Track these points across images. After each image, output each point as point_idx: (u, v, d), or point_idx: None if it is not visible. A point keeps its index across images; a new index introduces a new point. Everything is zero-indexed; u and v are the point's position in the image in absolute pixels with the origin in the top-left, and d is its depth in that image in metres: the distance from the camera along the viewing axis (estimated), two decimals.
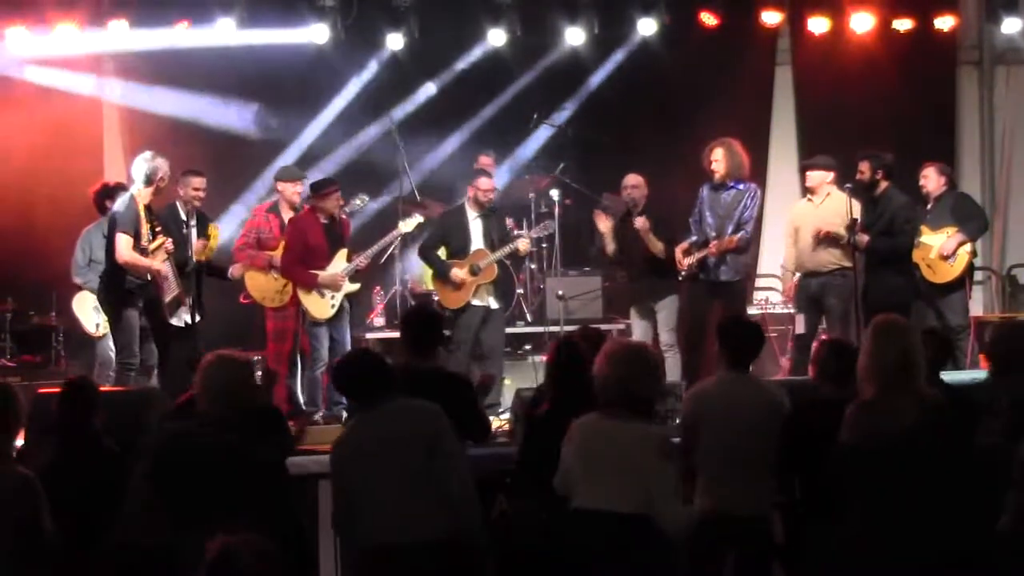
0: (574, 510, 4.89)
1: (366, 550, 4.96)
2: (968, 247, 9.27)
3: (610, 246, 9.44)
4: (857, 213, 8.88)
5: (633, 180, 9.38)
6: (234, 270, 9.12)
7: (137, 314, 8.32)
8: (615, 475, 4.81)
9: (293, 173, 9.44)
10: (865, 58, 11.59)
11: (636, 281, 9.47)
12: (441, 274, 9.35)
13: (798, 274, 9.29)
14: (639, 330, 9.29)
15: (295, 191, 9.30)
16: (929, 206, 9.38)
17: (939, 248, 9.20)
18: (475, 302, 9.30)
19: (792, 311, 9.77)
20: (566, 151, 11.22)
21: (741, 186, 9.22)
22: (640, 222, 9.15)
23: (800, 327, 9.29)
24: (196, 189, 8.60)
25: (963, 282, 9.33)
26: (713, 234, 9.09)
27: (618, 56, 11.62)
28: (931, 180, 9.40)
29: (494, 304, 9.38)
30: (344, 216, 9.26)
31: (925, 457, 4.64)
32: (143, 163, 8.32)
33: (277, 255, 9.17)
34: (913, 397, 4.74)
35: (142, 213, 8.27)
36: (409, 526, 4.84)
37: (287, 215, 9.29)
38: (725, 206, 9.20)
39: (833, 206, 9.09)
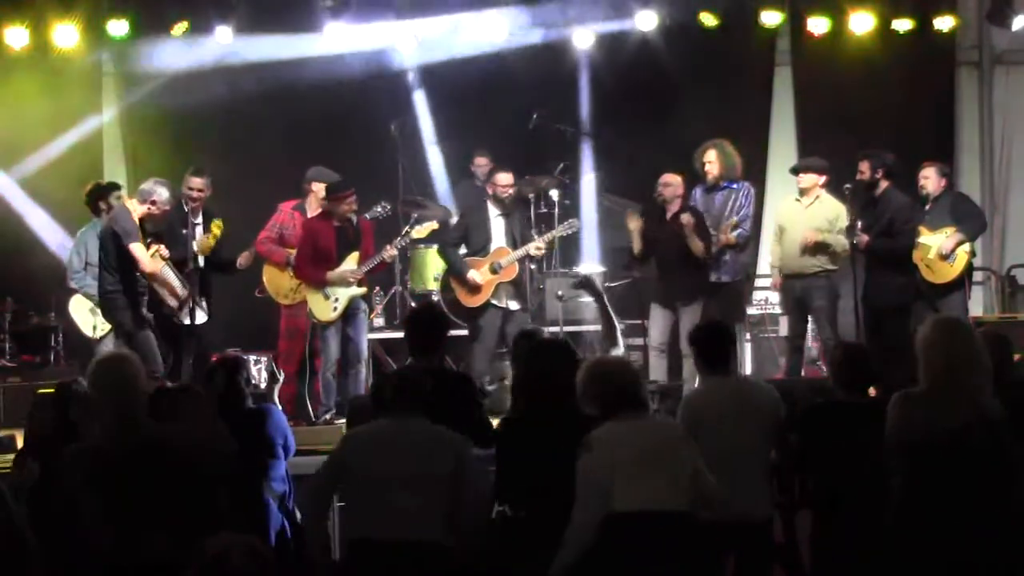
0: (616, 514, 4.78)
1: (360, 540, 5.02)
2: (967, 247, 9.27)
3: (637, 245, 9.16)
4: (845, 220, 8.90)
5: (666, 179, 9.13)
6: (242, 259, 8.95)
7: (148, 319, 8.37)
8: (654, 473, 4.80)
9: (332, 178, 9.24)
10: (865, 58, 11.58)
11: (663, 279, 9.13)
12: (459, 273, 9.19)
13: (780, 273, 9.33)
14: (657, 329, 9.06)
15: None
16: (928, 206, 9.37)
17: (937, 248, 9.19)
18: (494, 302, 9.15)
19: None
20: (566, 151, 11.22)
21: (734, 185, 9.25)
22: (686, 218, 8.84)
23: (784, 329, 9.33)
24: (190, 188, 8.63)
25: (962, 282, 9.32)
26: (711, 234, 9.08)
27: (619, 56, 11.59)
28: (931, 180, 9.39)
29: (514, 305, 9.22)
30: (365, 219, 9.19)
31: (972, 460, 4.61)
32: (145, 183, 8.50)
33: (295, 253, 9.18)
34: (970, 398, 4.69)
35: (137, 224, 8.33)
36: (408, 525, 4.92)
37: (313, 215, 9.29)
38: (719, 206, 9.23)
39: (821, 210, 9.12)
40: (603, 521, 4.76)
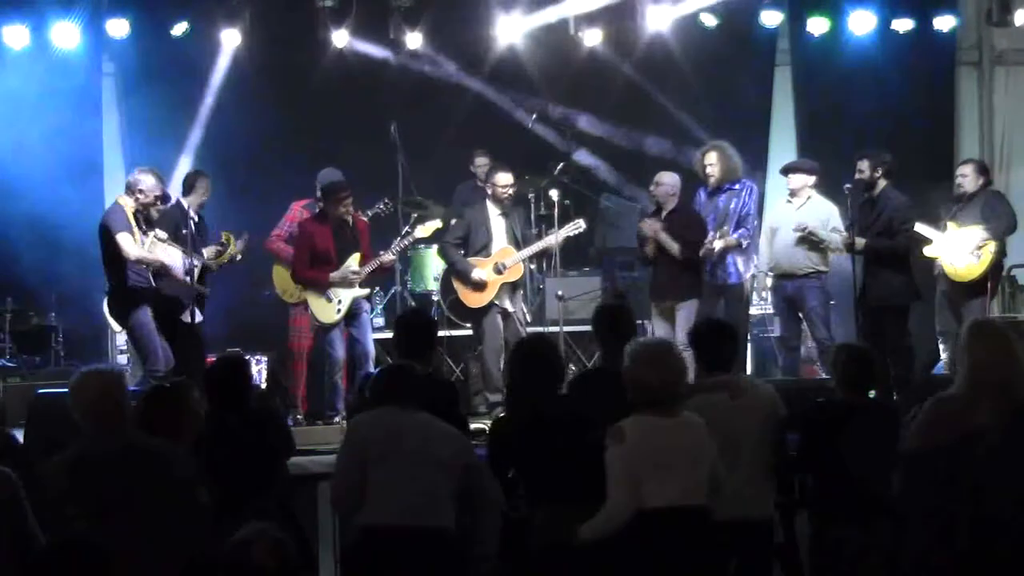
0: (649, 511, 4.86)
1: (368, 528, 5.11)
2: (993, 247, 9.22)
3: (651, 250, 9.06)
4: (838, 220, 8.91)
5: (659, 178, 9.12)
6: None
7: (151, 317, 8.36)
8: (685, 470, 4.91)
9: (340, 185, 9.08)
10: (865, 58, 11.59)
11: (659, 278, 9.12)
12: (462, 272, 9.17)
13: (771, 275, 9.33)
14: (659, 329, 9.04)
15: None
16: (961, 203, 9.35)
17: (962, 245, 9.17)
18: (496, 302, 9.10)
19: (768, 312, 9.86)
20: (565, 150, 11.22)
21: (736, 186, 9.24)
22: (648, 225, 8.92)
23: (779, 329, 9.32)
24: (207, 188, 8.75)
25: (985, 283, 9.26)
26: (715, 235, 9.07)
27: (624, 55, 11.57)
28: (969, 179, 9.38)
29: (510, 307, 9.18)
30: (363, 219, 9.18)
31: (1005, 457, 4.53)
32: (129, 176, 8.56)
33: None
34: (1005, 398, 4.62)
35: (131, 218, 8.33)
36: (416, 511, 5.04)
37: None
38: (723, 208, 9.21)
39: (813, 210, 9.13)
40: (634, 517, 4.85)
